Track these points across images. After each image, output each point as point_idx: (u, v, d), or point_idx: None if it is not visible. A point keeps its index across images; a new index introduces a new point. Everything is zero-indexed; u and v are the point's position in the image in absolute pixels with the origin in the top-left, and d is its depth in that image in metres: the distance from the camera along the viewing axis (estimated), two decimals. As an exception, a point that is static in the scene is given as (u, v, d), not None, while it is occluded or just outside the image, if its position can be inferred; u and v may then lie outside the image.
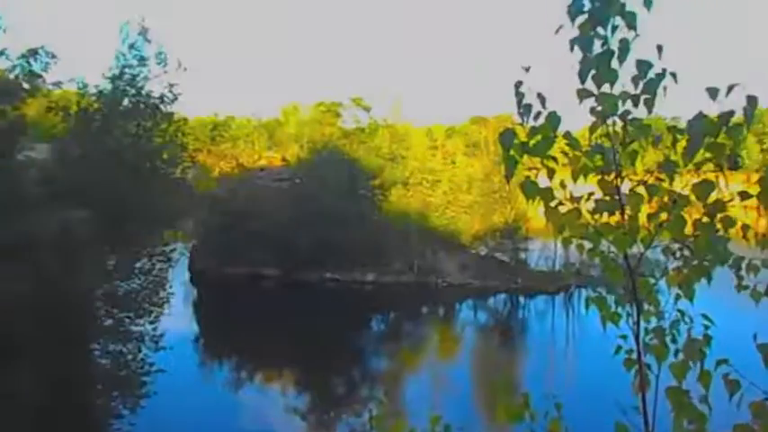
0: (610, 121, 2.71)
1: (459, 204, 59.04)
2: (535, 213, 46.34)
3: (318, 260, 50.54)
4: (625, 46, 2.61)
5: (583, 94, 2.67)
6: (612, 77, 2.62)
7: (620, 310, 2.96)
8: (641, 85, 2.63)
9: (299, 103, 76.42)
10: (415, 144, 67.62)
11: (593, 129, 2.75)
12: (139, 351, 23.29)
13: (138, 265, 23.99)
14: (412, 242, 53.22)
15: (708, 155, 2.62)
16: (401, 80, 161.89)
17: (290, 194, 55.99)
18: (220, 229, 52.18)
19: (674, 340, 2.98)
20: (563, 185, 2.77)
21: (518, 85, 2.70)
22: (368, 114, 67.93)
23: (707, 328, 2.98)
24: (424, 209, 57.69)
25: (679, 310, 3.05)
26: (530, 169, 2.76)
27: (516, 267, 53.90)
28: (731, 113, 2.53)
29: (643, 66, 2.61)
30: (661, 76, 2.61)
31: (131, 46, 23.75)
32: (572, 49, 2.65)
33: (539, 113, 2.67)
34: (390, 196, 58.74)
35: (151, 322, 23.84)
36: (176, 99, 24.07)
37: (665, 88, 2.62)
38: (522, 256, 55.90)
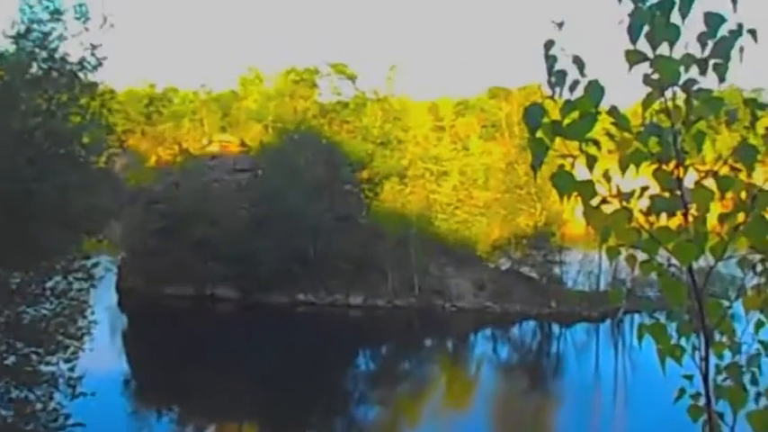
0: (669, 93, 2.71)
1: (473, 203, 59.24)
2: (572, 215, 46.51)
3: (288, 277, 50.51)
4: (689, -7, 2.61)
5: (634, 58, 2.67)
6: (673, 35, 2.62)
7: (683, 341, 2.96)
8: (710, 45, 2.63)
9: (263, 70, 76.33)
10: (415, 124, 67.84)
11: (646, 103, 2.75)
12: (51, 398, 23.17)
13: (49, 284, 23.89)
14: (411, 253, 53.28)
15: (798, 137, 2.63)
16: (396, 41, 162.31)
17: (250, 191, 55.95)
18: (159, 237, 52.08)
19: (753, 381, 2.98)
20: (608, 178, 2.77)
21: (548, 45, 2.70)
22: (353, 85, 67.90)
23: (797, 365, 2.99)
24: (428, 209, 57.84)
25: (761, 342, 3.06)
26: (564, 156, 2.75)
27: (548, 287, 54.10)
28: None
29: (713, 20, 2.61)
30: (736, 33, 2.61)
31: (41, -6, 23.68)
32: (620, -2, 2.65)
33: (576, 83, 2.67)
34: (383, 193, 58.85)
35: (67, 360, 23.71)
36: (101, 65, 24.03)
37: (741, 50, 2.62)
38: (557, 271, 56.13)
